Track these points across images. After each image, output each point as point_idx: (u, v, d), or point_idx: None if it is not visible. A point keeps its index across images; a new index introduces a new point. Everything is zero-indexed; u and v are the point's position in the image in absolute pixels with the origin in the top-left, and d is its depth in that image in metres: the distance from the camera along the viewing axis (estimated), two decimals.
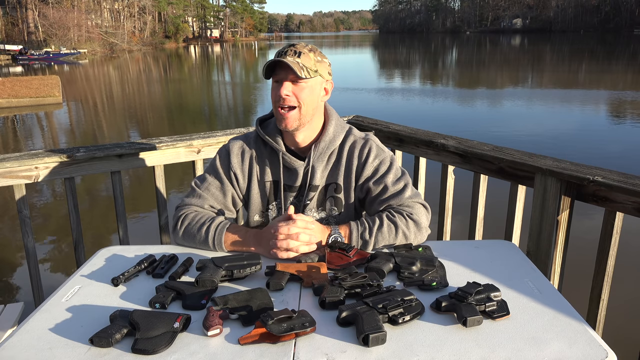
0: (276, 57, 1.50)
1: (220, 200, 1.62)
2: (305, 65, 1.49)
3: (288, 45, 1.54)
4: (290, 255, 1.40)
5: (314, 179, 1.61)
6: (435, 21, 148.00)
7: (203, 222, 1.51)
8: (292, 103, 1.50)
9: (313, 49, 1.55)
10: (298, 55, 1.49)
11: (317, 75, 1.53)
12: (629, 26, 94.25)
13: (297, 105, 1.51)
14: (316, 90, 1.54)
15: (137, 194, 6.70)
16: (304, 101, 1.51)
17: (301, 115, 1.53)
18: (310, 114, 1.55)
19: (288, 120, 1.52)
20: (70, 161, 2.22)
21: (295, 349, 1.03)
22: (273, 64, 1.50)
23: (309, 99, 1.52)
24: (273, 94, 1.53)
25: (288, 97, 1.49)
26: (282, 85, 1.49)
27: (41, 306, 1.21)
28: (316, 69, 1.52)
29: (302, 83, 1.50)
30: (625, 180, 1.70)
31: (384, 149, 1.64)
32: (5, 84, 18.17)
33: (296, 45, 1.53)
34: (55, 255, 4.81)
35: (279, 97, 1.50)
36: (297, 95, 1.50)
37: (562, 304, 1.18)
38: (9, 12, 57.33)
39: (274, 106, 1.54)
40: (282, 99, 1.49)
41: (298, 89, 1.50)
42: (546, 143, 9.10)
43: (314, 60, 1.52)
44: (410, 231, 1.49)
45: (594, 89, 18.12)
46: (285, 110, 1.51)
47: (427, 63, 36.39)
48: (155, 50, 64.89)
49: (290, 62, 1.46)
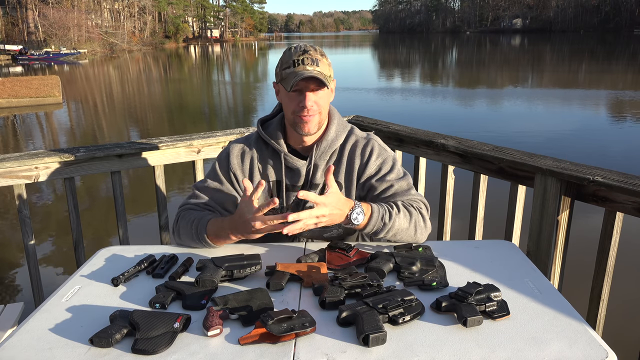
0: (292, 67, 1.48)
1: (219, 201, 1.62)
2: (324, 73, 1.50)
3: (301, 50, 1.50)
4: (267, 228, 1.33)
5: (315, 177, 1.62)
6: (435, 21, 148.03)
7: (192, 219, 1.52)
8: (316, 111, 1.52)
9: (323, 53, 1.54)
10: (316, 64, 1.49)
11: (332, 81, 1.55)
12: (629, 26, 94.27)
13: (319, 112, 1.54)
14: (331, 94, 1.58)
15: (137, 194, 6.70)
16: (323, 107, 1.55)
17: (321, 119, 1.56)
18: (326, 117, 1.60)
19: (310, 125, 1.54)
20: (70, 161, 2.22)
21: (295, 349, 1.03)
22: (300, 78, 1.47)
23: (326, 105, 1.57)
24: (294, 102, 1.52)
25: (312, 107, 1.51)
26: (304, 95, 1.49)
27: (41, 306, 1.21)
28: (330, 74, 1.54)
29: (321, 91, 1.51)
30: (625, 180, 1.70)
31: (386, 149, 1.65)
32: (5, 84, 18.18)
33: (309, 51, 1.50)
34: (55, 255, 4.81)
35: (302, 107, 1.50)
36: (318, 103, 1.52)
37: (562, 304, 1.18)
38: (9, 12, 57.34)
39: (292, 113, 1.54)
40: (307, 109, 1.50)
41: (318, 97, 1.51)
42: (546, 143, 9.10)
43: (327, 65, 1.54)
44: (419, 225, 1.51)
45: (594, 88, 18.12)
46: (308, 117, 1.52)
47: (427, 63, 36.41)
48: (155, 50, 64.91)
49: (317, 74, 1.46)
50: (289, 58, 1.50)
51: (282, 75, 1.52)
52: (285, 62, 1.51)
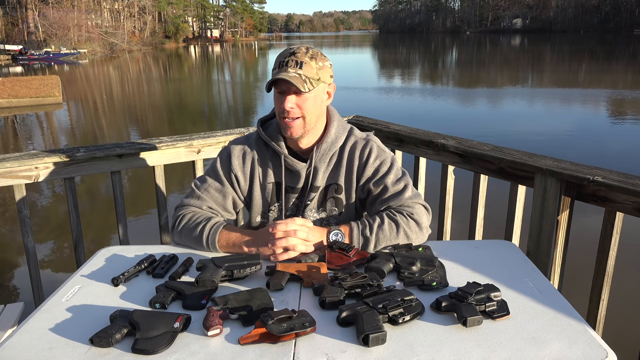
0: (277, 69, 1.47)
1: (219, 202, 1.62)
2: (308, 76, 1.46)
3: (289, 52, 1.49)
4: (289, 256, 1.40)
5: (315, 180, 1.61)
6: (435, 21, 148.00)
7: (199, 221, 1.51)
8: (297, 115, 1.50)
9: (314, 55, 1.50)
10: (300, 66, 1.45)
11: (319, 84, 1.50)
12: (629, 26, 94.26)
13: (302, 116, 1.51)
14: (319, 97, 1.54)
15: (137, 194, 6.70)
16: (307, 111, 1.51)
17: (305, 124, 1.53)
18: (314, 121, 1.55)
19: (293, 129, 1.52)
20: (70, 161, 2.22)
21: (295, 349, 1.03)
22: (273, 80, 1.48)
23: (312, 109, 1.52)
24: (277, 104, 1.52)
25: (292, 110, 1.48)
26: (285, 98, 1.47)
27: (41, 306, 1.21)
28: (318, 77, 1.49)
29: (305, 94, 1.48)
30: (625, 180, 1.70)
31: (384, 150, 1.64)
32: (5, 84, 18.17)
33: (297, 53, 1.48)
34: (55, 255, 4.81)
35: (282, 109, 1.49)
36: (300, 106, 1.49)
37: (562, 304, 1.18)
38: (9, 12, 57.33)
39: (278, 116, 1.54)
40: (287, 112, 1.48)
41: (301, 100, 1.49)
42: (546, 143, 9.10)
43: (315, 68, 1.49)
44: (412, 230, 1.48)
45: (594, 88, 18.11)
46: (290, 120, 1.51)
47: (427, 63, 36.40)
48: (155, 50, 64.89)
49: (292, 77, 1.44)
50: (278, 59, 1.50)
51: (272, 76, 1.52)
52: (275, 62, 1.51)
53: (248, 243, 1.46)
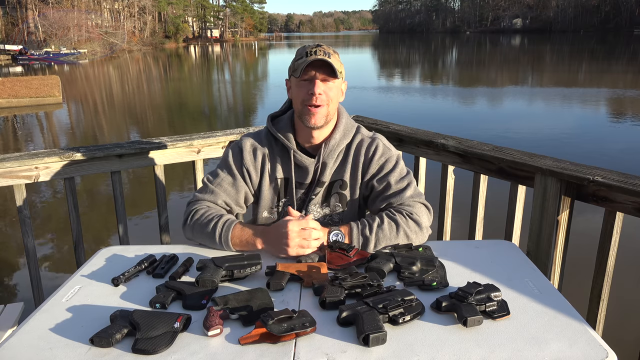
0: (304, 57, 1.50)
1: (233, 196, 1.62)
2: (335, 65, 1.51)
3: (314, 44, 1.54)
4: (305, 252, 1.40)
5: (323, 175, 1.63)
6: (435, 21, 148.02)
7: (212, 218, 1.51)
8: (323, 102, 1.52)
9: (336, 51, 1.57)
10: (328, 56, 1.51)
11: (342, 77, 1.56)
12: (629, 26, 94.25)
13: (327, 104, 1.54)
14: (340, 91, 1.59)
15: (137, 194, 6.70)
16: (332, 100, 1.55)
17: (328, 112, 1.56)
18: (334, 112, 1.60)
19: (317, 117, 1.54)
20: (70, 161, 2.22)
21: (295, 349, 1.03)
22: (310, 62, 1.49)
23: (335, 98, 1.57)
24: (302, 91, 1.53)
25: (321, 96, 1.51)
26: (314, 83, 1.50)
27: (41, 306, 1.21)
28: (341, 70, 1.56)
29: (330, 82, 1.52)
30: (625, 180, 1.70)
31: (390, 148, 1.66)
32: (5, 84, 18.16)
33: (322, 45, 1.54)
34: (55, 255, 4.81)
35: (311, 95, 1.51)
36: (327, 93, 1.53)
37: (562, 304, 1.18)
38: (9, 12, 57.32)
39: (301, 103, 1.55)
40: (315, 97, 1.50)
41: (328, 88, 1.53)
42: (546, 143, 9.10)
43: (339, 62, 1.56)
44: (411, 230, 1.49)
45: (594, 88, 18.11)
46: (315, 107, 1.52)
47: (427, 63, 36.40)
48: (155, 50, 64.88)
49: (329, 61, 1.48)
50: (302, 51, 1.53)
51: (294, 67, 1.54)
52: (299, 54, 1.54)
53: (260, 241, 1.45)
